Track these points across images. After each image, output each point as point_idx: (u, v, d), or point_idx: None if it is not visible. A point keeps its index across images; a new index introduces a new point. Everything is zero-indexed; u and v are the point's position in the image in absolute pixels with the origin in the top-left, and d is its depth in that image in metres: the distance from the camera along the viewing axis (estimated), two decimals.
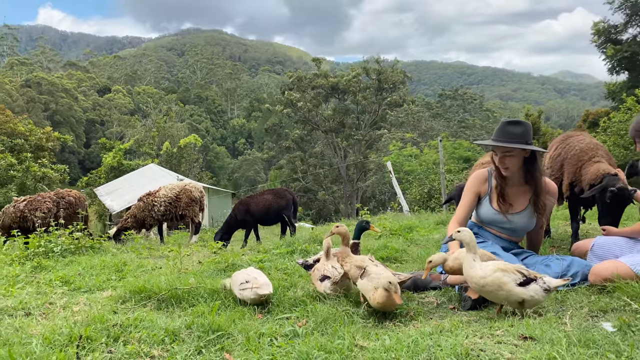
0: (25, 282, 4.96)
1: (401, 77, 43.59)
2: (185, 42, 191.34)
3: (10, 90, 56.04)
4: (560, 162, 5.20)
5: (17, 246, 7.04)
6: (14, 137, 22.68)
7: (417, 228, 7.61)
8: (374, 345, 2.72)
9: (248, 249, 7.00)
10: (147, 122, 52.04)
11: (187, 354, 2.81)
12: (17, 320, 3.64)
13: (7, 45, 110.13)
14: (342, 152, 43.89)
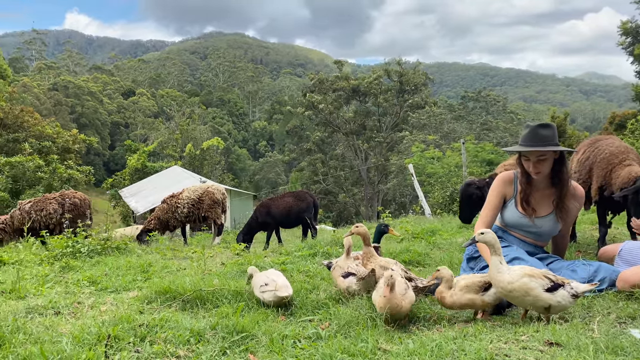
0: (54, 282, 5.08)
1: (423, 78, 43.34)
2: (208, 45, 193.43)
3: (39, 94, 57.38)
4: (589, 165, 5.11)
5: (45, 246, 7.22)
6: (42, 139, 23.21)
7: (439, 231, 7.55)
8: (397, 349, 2.72)
9: (270, 251, 7.04)
10: (170, 125, 52.74)
11: (212, 355, 2.85)
12: (47, 318, 3.74)
13: (35, 50, 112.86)
14: (363, 155, 43.81)
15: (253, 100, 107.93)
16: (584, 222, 7.36)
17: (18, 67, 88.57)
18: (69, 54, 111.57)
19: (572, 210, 3.96)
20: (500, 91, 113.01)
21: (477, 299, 3.26)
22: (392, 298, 3.13)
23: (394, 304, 3.13)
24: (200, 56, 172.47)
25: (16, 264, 5.99)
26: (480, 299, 3.25)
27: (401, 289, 3.20)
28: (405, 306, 3.15)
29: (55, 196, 10.13)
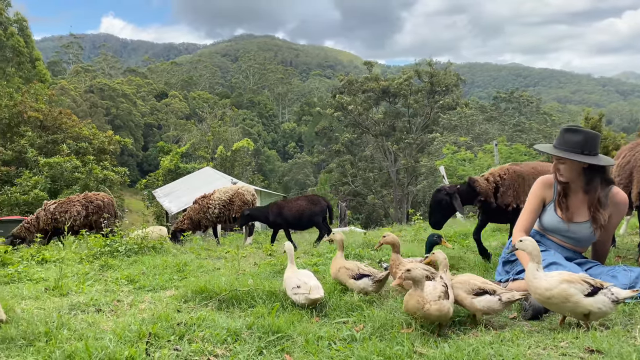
0: (94, 280, 5.24)
1: (454, 79, 42.81)
2: (239, 48, 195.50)
3: (75, 96, 59.03)
4: (629, 170, 4.98)
5: (85, 245, 7.44)
6: (79, 140, 23.87)
7: (504, 231, 7.48)
8: (433, 353, 2.72)
9: (302, 252, 7.08)
10: (202, 127, 53.53)
11: (248, 354, 2.90)
12: (89, 316, 3.86)
13: (72, 54, 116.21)
14: (392, 156, 43.54)
15: (282, 102, 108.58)
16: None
17: (56, 70, 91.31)
18: (104, 57, 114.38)
19: (611, 218, 3.87)
20: (534, 92, 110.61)
21: (466, 299, 3.30)
22: (416, 296, 3.13)
23: (415, 304, 3.11)
24: (231, 59, 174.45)
25: (58, 262, 6.20)
26: (469, 301, 3.27)
27: (433, 293, 3.16)
28: (433, 312, 3.06)
29: (79, 198, 10.28)
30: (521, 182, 5.21)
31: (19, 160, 22.17)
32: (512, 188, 5.19)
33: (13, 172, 21.29)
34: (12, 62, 45.96)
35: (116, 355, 2.70)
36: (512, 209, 5.19)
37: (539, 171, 5.24)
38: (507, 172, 5.27)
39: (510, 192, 5.18)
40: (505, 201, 5.20)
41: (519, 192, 5.18)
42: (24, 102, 24.13)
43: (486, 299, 3.22)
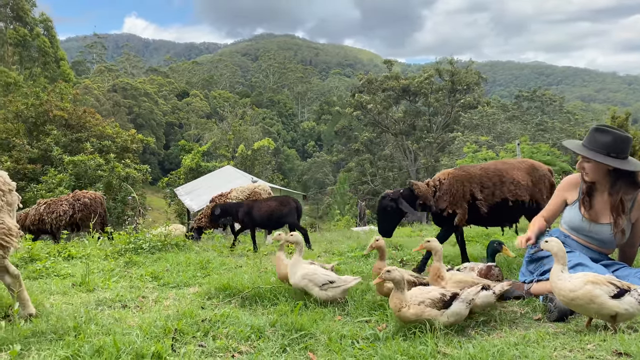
0: (120, 276, 5.33)
1: (475, 78, 42.40)
2: (259, 47, 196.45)
3: (99, 95, 60.01)
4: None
5: (109, 242, 7.57)
6: (102, 139, 24.26)
7: (495, 235, 7.40)
8: (457, 353, 2.71)
9: (323, 251, 7.09)
10: (223, 126, 53.94)
11: (272, 351, 2.93)
12: (115, 311, 3.94)
13: (96, 53, 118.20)
14: (412, 155, 43.31)
15: (302, 101, 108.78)
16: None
17: (80, 69, 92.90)
18: (127, 57, 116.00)
19: (638, 222, 3.81)
20: (557, 90, 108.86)
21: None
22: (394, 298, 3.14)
23: (393, 305, 3.14)
24: (251, 58, 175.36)
25: (83, 258, 6.32)
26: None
27: (416, 298, 3.14)
28: (409, 316, 3.08)
29: (68, 197, 10.28)
30: (459, 187, 5.14)
31: (44, 158, 22.62)
32: (449, 193, 5.13)
33: (39, 169, 21.71)
34: (37, 62, 46.95)
35: (143, 351, 2.75)
36: (448, 215, 5.16)
37: (488, 172, 5.20)
38: (447, 178, 5.22)
39: (446, 198, 5.13)
40: (440, 206, 5.16)
41: (456, 197, 5.11)
42: (50, 101, 24.61)
43: (484, 295, 3.28)
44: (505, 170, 5.19)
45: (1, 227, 3.59)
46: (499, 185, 5.11)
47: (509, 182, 5.12)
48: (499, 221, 5.42)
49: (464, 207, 5.07)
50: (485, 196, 5.09)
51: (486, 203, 5.08)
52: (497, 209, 5.11)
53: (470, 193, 5.08)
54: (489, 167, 5.26)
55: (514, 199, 5.10)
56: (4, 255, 3.63)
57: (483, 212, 5.08)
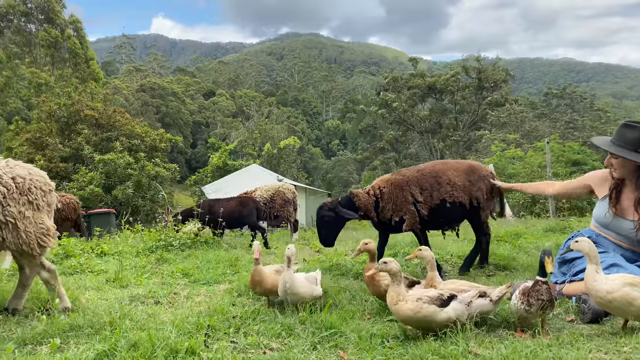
0: (151, 273, 5.44)
1: (503, 75, 41.72)
2: (284, 46, 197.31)
3: (128, 95, 61.17)
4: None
5: (141, 239, 7.73)
6: (131, 138, 24.70)
7: (524, 234, 7.31)
8: (489, 354, 2.69)
9: (350, 250, 7.09)
10: (249, 124, 54.36)
11: (303, 349, 2.95)
12: (148, 307, 4.02)
13: (125, 54, 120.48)
14: (438, 154, 42.92)
15: (327, 100, 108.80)
16: None
17: (110, 70, 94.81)
18: (154, 57, 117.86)
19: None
20: (587, 88, 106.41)
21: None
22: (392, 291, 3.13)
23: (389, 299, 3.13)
24: (276, 57, 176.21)
25: (116, 255, 6.47)
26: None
27: (415, 294, 3.13)
28: (405, 311, 3.03)
29: None
30: (399, 192, 5.05)
31: (75, 157, 23.14)
32: (392, 201, 5.04)
33: (70, 168, 22.24)
34: (69, 62, 48.08)
35: (177, 346, 2.80)
36: (396, 222, 5.08)
37: (425, 173, 5.11)
38: (387, 186, 5.12)
39: (389, 207, 5.04)
40: (386, 216, 5.08)
41: (398, 203, 5.03)
42: (81, 101, 25.17)
43: (479, 303, 3.22)
44: (442, 171, 5.10)
45: (40, 227, 3.70)
46: (436, 187, 5.02)
47: (446, 183, 5.02)
48: (440, 224, 5.30)
49: (411, 210, 4.98)
50: (424, 198, 5.00)
51: (426, 205, 5.00)
52: (436, 211, 5.02)
53: (411, 196, 5.01)
54: (426, 168, 5.18)
55: (451, 200, 5.01)
56: (41, 254, 3.75)
57: (424, 215, 5.00)
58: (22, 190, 3.62)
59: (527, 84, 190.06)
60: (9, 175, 3.62)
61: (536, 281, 3.02)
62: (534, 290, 2.98)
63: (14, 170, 3.68)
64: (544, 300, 2.95)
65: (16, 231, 3.56)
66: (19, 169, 3.73)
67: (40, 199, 3.72)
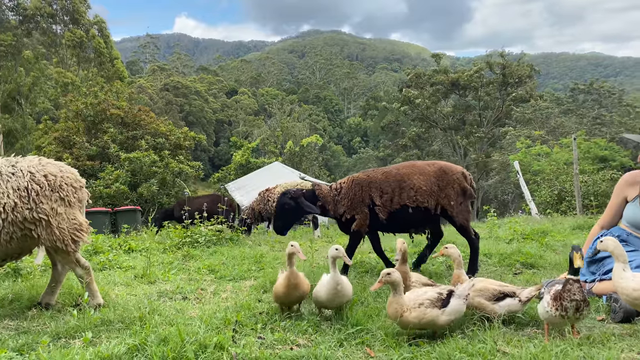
0: (178, 269, 5.53)
1: (528, 70, 40.91)
2: (306, 44, 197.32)
3: (152, 94, 61.95)
4: None
5: (167, 236, 7.85)
6: (156, 136, 25.01)
7: (551, 232, 7.20)
8: (518, 352, 2.67)
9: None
10: (271, 122, 54.57)
11: (329, 345, 2.97)
12: (176, 302, 4.09)
13: (149, 53, 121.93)
14: (461, 151, 42.40)
15: (348, 97, 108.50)
16: None
17: (134, 69, 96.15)
18: (178, 56, 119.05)
19: None
20: (615, 82, 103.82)
21: (487, 305, 3.27)
22: (394, 303, 3.05)
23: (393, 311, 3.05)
24: (298, 55, 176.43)
25: (143, 251, 6.58)
26: (491, 308, 3.25)
27: (416, 300, 3.06)
28: (411, 320, 2.99)
29: None
30: (358, 191, 4.98)
31: (102, 155, 23.53)
32: (347, 198, 4.99)
33: (97, 166, 22.62)
34: (94, 62, 48.92)
35: (206, 341, 2.85)
36: (346, 220, 5.01)
37: (389, 177, 5.01)
38: (347, 182, 5.09)
39: (344, 202, 5.00)
40: (339, 211, 5.03)
41: (354, 202, 4.97)
42: (107, 100, 25.58)
43: (507, 303, 3.23)
44: (407, 175, 4.98)
45: (73, 222, 3.80)
46: (397, 191, 4.91)
47: (409, 187, 4.91)
48: (403, 228, 5.22)
49: (364, 212, 4.92)
50: (383, 202, 4.91)
51: (385, 209, 4.90)
52: (397, 215, 4.93)
53: (369, 198, 4.93)
54: (392, 171, 5.08)
55: (414, 205, 4.89)
56: (75, 249, 3.84)
57: (382, 219, 4.92)
58: (53, 187, 3.71)
59: (553, 79, 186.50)
60: (41, 173, 3.72)
61: (567, 280, 2.88)
62: (565, 291, 2.84)
63: (46, 168, 3.78)
64: (577, 301, 2.80)
65: (50, 228, 3.66)
66: (50, 166, 3.83)
67: (71, 196, 3.81)
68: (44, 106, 42.67)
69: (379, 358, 2.81)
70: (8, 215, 3.52)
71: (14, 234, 3.58)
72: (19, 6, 41.81)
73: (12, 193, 3.55)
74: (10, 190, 3.55)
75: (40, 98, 42.68)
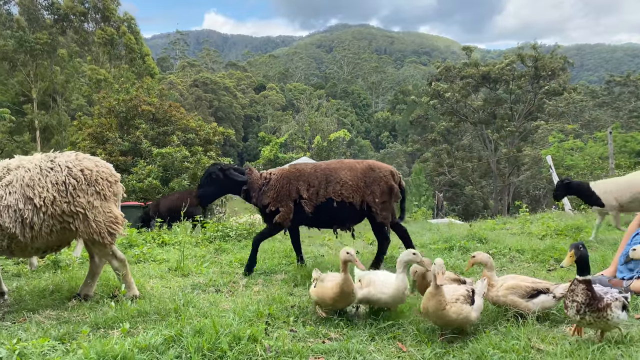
0: (210, 262, 5.62)
1: (561, 63, 39.91)
2: (333, 38, 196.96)
3: (182, 90, 62.87)
4: None
5: (199, 230, 7.98)
6: (187, 132, 25.39)
7: (586, 228, 7.04)
8: (553, 349, 2.64)
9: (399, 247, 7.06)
10: (299, 118, 54.77)
11: (361, 339, 2.98)
12: (209, 295, 4.17)
13: (179, 50, 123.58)
14: (492, 145, 41.71)
15: (376, 91, 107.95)
16: None
17: (165, 66, 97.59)
18: (207, 53, 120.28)
19: None
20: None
21: (520, 303, 3.21)
22: (437, 296, 2.95)
23: (436, 304, 2.95)
24: (325, 49, 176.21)
25: (176, 245, 6.71)
26: (525, 305, 3.19)
27: (452, 296, 3.00)
28: (451, 314, 2.92)
29: None
30: (285, 184, 4.94)
31: (134, 150, 23.99)
32: (274, 190, 4.96)
33: (129, 161, 23.09)
34: (125, 59, 49.85)
35: (240, 333, 2.89)
36: (270, 212, 4.96)
37: (317, 171, 4.95)
38: (277, 174, 5.05)
39: (270, 194, 4.97)
40: (263, 201, 4.98)
41: (280, 194, 4.93)
42: (139, 96, 26.05)
43: (541, 299, 3.19)
44: (334, 170, 4.97)
45: (109, 215, 3.90)
46: (324, 185, 4.89)
47: (335, 182, 4.89)
48: (327, 222, 5.16)
49: (289, 205, 4.89)
50: (310, 195, 4.88)
51: (311, 203, 4.88)
52: (323, 209, 4.89)
53: (296, 192, 4.90)
54: (320, 166, 5.08)
55: (339, 199, 4.87)
56: (112, 242, 3.95)
57: (308, 212, 4.89)
58: (90, 182, 3.83)
59: (587, 71, 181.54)
60: (78, 167, 3.84)
61: (572, 281, 2.77)
62: (569, 290, 2.75)
63: (82, 163, 3.90)
64: (579, 303, 2.65)
65: (87, 221, 3.77)
66: (86, 161, 3.95)
67: (107, 189, 3.92)
68: (79, 103, 43.75)
69: (411, 353, 2.81)
70: (48, 209, 3.64)
71: (54, 227, 3.71)
72: (53, 5, 42.85)
73: (51, 187, 3.68)
74: (50, 185, 3.68)
75: (75, 95, 43.76)
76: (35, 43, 38.24)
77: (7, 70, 38.78)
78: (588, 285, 2.66)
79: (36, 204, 3.61)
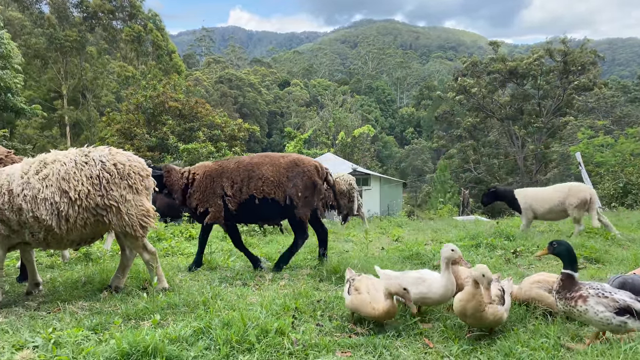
0: (237, 256, 5.69)
1: (591, 57, 38.94)
2: (358, 34, 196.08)
3: (208, 86, 63.50)
4: None
5: None
6: (212, 128, 25.72)
7: (617, 227, 6.90)
8: (583, 348, 2.61)
9: (430, 239, 7.03)
10: (323, 114, 54.74)
11: (387, 335, 2.99)
12: (237, 289, 4.22)
13: (204, 46, 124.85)
14: (519, 141, 41.01)
15: (401, 87, 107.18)
16: None
17: (191, 62, 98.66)
18: (232, 49, 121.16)
19: None
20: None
21: (546, 297, 3.22)
22: (478, 297, 2.85)
23: (476, 304, 2.85)
24: (350, 45, 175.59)
25: None
26: (552, 300, 3.14)
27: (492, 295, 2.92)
28: (489, 315, 2.85)
29: None
30: (209, 183, 4.83)
31: (161, 146, 24.39)
32: (199, 191, 4.86)
33: (157, 157, 23.49)
34: (152, 55, 50.55)
35: (267, 326, 2.93)
36: (200, 213, 4.88)
37: (240, 167, 4.84)
38: (200, 174, 4.91)
39: (196, 195, 4.88)
40: (191, 204, 4.89)
41: (206, 194, 4.84)
42: (165, 93, 26.45)
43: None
44: (256, 165, 4.86)
45: (141, 209, 3.99)
46: (246, 181, 4.81)
47: (257, 178, 4.80)
48: (254, 219, 5.07)
49: (218, 204, 4.81)
50: (234, 192, 4.79)
51: (235, 200, 4.79)
52: (246, 206, 4.81)
53: (221, 189, 4.81)
54: (244, 161, 4.97)
55: (261, 195, 4.78)
56: (143, 235, 4.04)
57: (232, 209, 4.82)
58: (122, 175, 3.92)
59: (619, 66, 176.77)
60: (111, 162, 3.94)
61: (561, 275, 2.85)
62: (557, 284, 2.85)
63: (115, 157, 4.00)
64: (555, 292, 2.81)
65: (119, 214, 3.87)
66: (119, 156, 4.05)
67: (138, 183, 4.01)
68: (108, 99, 44.57)
69: (438, 349, 2.81)
70: (82, 202, 3.75)
71: (88, 220, 3.81)
72: (82, 3, 43.71)
73: (86, 181, 3.78)
74: (84, 178, 3.78)
75: (104, 91, 44.59)
76: (65, 40, 39.08)
77: (39, 67, 39.75)
78: (565, 277, 2.82)
79: (71, 197, 3.72)
